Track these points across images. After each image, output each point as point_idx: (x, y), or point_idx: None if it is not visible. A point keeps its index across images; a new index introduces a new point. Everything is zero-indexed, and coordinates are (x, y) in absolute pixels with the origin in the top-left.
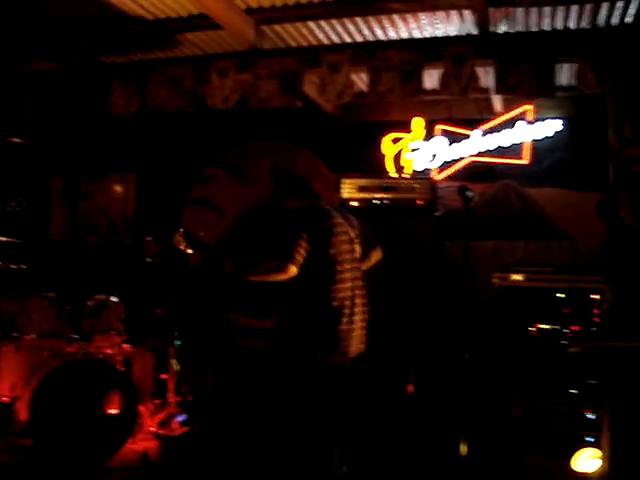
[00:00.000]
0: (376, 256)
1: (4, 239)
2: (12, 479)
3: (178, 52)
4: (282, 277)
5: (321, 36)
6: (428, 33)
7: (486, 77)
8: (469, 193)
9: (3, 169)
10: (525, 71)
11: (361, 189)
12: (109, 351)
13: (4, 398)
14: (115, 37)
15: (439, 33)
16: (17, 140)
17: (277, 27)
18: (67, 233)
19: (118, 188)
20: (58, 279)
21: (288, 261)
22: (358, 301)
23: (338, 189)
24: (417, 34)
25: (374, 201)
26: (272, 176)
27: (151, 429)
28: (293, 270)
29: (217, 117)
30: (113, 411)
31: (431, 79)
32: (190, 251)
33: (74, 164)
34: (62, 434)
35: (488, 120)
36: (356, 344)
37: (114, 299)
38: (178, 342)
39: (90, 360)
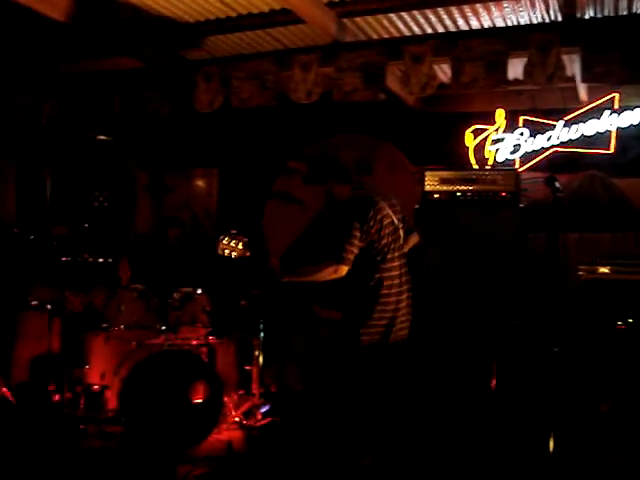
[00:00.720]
0: (414, 240)
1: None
2: (102, 464)
3: (260, 47)
4: (335, 277)
5: (402, 27)
6: (512, 21)
7: (571, 65)
8: (557, 184)
9: (91, 166)
10: (614, 58)
11: (443, 182)
12: (194, 342)
13: (94, 387)
14: (198, 34)
15: (523, 21)
16: (103, 137)
17: (358, 20)
18: (152, 227)
19: (201, 182)
20: (145, 272)
21: (342, 263)
22: (403, 287)
23: (420, 182)
24: (500, 23)
25: (457, 194)
26: (308, 162)
27: (235, 419)
28: (345, 270)
29: (299, 111)
30: (198, 401)
31: (514, 69)
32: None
33: (159, 159)
34: (150, 422)
35: (573, 110)
36: (403, 329)
37: (199, 291)
38: (262, 334)
39: (176, 351)
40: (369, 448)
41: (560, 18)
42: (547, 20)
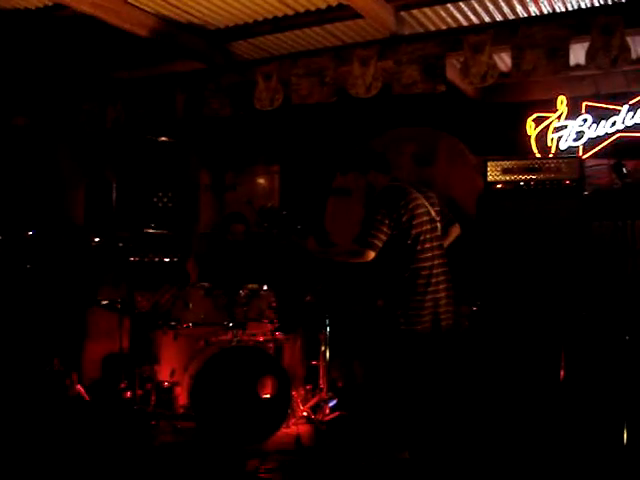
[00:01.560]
0: (455, 232)
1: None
2: (174, 459)
3: (318, 44)
4: (360, 261)
5: (460, 18)
6: (572, 5)
7: (635, 47)
8: (625, 169)
9: (155, 167)
10: None
11: (505, 171)
12: (261, 338)
13: (165, 383)
14: (256, 34)
15: (584, 4)
16: (166, 139)
17: (416, 12)
18: (214, 225)
19: (263, 179)
20: (210, 270)
21: (367, 247)
22: (440, 278)
23: (482, 172)
24: (560, 7)
25: (520, 183)
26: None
27: (303, 414)
28: (371, 255)
29: (359, 106)
30: (267, 396)
31: (576, 54)
32: None
33: (221, 158)
34: (220, 417)
35: (638, 93)
36: (446, 319)
37: (265, 288)
38: (328, 329)
39: (245, 347)
40: (435, 442)
41: None
42: (609, 2)
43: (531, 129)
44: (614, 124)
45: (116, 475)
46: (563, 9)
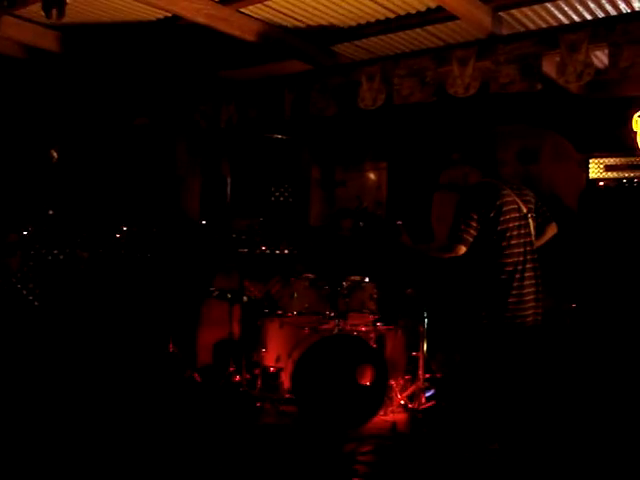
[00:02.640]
0: (551, 231)
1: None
2: (276, 439)
3: (419, 45)
4: (452, 255)
5: (560, 16)
6: None
7: None
8: None
9: (266, 163)
10: None
11: (609, 168)
12: (363, 328)
13: (270, 369)
14: (360, 36)
15: None
16: (278, 136)
17: (515, 12)
18: (324, 219)
19: (371, 175)
20: (320, 261)
21: (457, 242)
22: (528, 274)
23: (585, 169)
24: None
25: (623, 180)
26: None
27: (401, 402)
28: (462, 250)
29: (459, 104)
30: (366, 383)
31: None
32: None
33: (331, 155)
34: (320, 402)
35: None
36: (532, 315)
37: (367, 280)
38: (427, 321)
39: (346, 336)
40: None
41: None
42: None
43: (637, 125)
44: None
45: (224, 450)
46: None
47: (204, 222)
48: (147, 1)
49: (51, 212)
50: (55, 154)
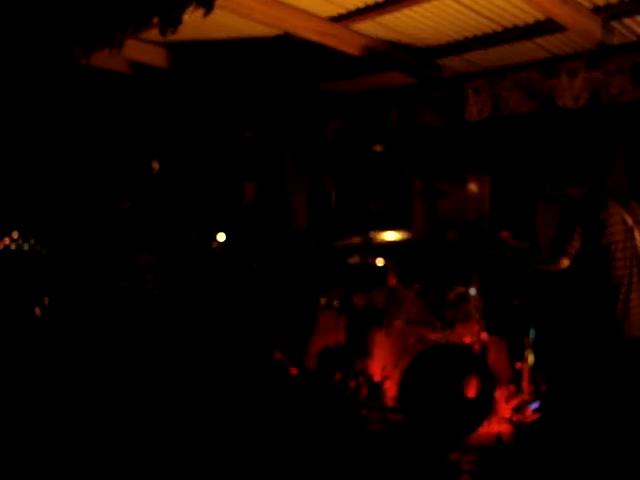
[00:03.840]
0: None
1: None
2: (382, 446)
3: (526, 57)
4: (556, 269)
5: None
6: None
7: None
8: None
9: (370, 175)
10: None
11: None
12: (468, 339)
13: (376, 377)
14: (467, 49)
15: None
16: (381, 149)
17: (628, 20)
18: (426, 230)
19: (474, 188)
20: (423, 272)
21: (560, 255)
22: (635, 288)
23: None
24: None
25: None
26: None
27: (505, 414)
28: (565, 263)
29: (566, 116)
30: (471, 394)
31: None
32: None
33: (433, 167)
34: (426, 411)
35: None
36: (637, 327)
37: (473, 291)
38: (532, 333)
39: (452, 346)
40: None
41: None
42: None
43: None
44: None
45: (331, 455)
46: None
47: (310, 233)
48: (260, 20)
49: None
50: (157, 165)
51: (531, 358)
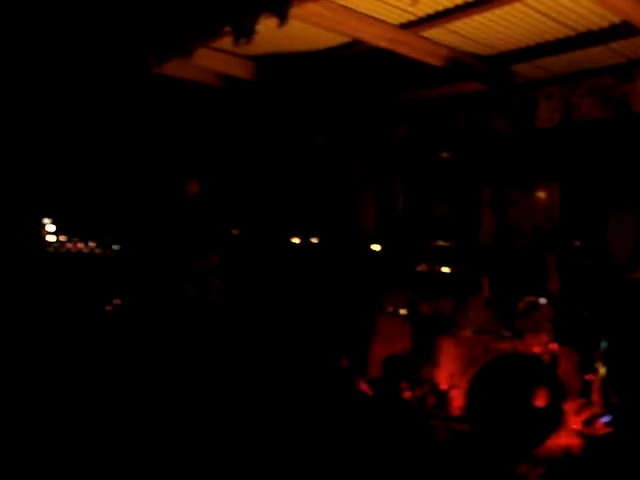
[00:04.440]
0: None
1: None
2: (448, 456)
3: (600, 62)
4: (635, 277)
5: None
6: None
7: None
8: None
9: (436, 181)
10: None
11: None
12: (537, 349)
13: (443, 386)
14: (538, 55)
15: None
16: (445, 155)
17: None
18: (495, 237)
19: (543, 195)
20: (490, 281)
21: None
22: None
23: None
24: None
25: None
26: None
27: (574, 426)
28: None
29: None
30: (540, 405)
31: None
32: None
33: (502, 174)
34: (494, 422)
35: None
36: None
37: (543, 300)
38: (604, 344)
39: (521, 356)
40: None
41: None
42: None
43: None
44: None
45: (398, 464)
46: None
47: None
48: (331, 28)
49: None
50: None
51: (602, 370)
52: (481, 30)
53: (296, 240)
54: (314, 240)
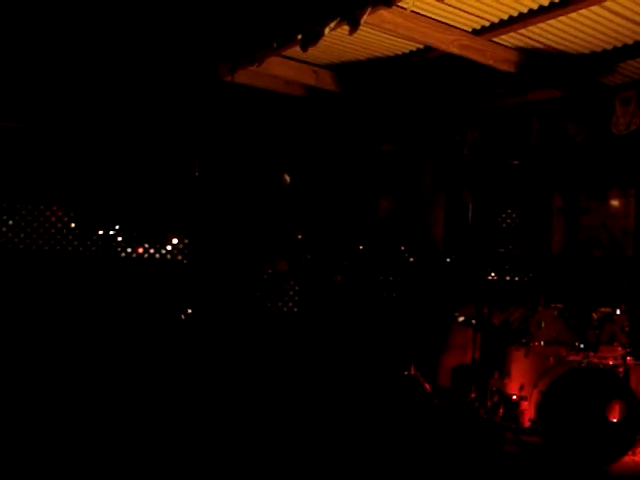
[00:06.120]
0: None
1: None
2: (518, 469)
3: None
4: None
5: None
6: None
7: None
8: None
9: (506, 189)
10: None
11: None
12: (611, 362)
13: (513, 397)
14: (615, 59)
15: None
16: (516, 162)
17: None
18: (567, 247)
19: (618, 203)
20: (564, 290)
21: None
22: None
23: None
24: None
25: None
26: None
27: None
28: None
29: None
30: (615, 420)
31: None
32: None
33: (574, 182)
34: (566, 435)
35: None
36: None
37: (618, 312)
38: None
39: (595, 369)
40: None
41: None
42: None
43: None
44: None
45: (463, 474)
46: None
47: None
48: (403, 35)
49: (300, 237)
50: (288, 178)
51: None
52: (555, 34)
53: (363, 247)
54: (382, 248)
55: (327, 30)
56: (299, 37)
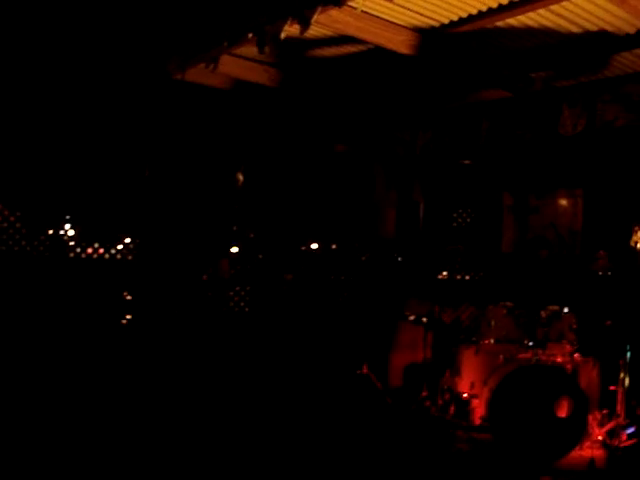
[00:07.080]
0: None
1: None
2: (469, 466)
3: (625, 69)
4: None
5: None
6: None
7: None
8: None
9: (456, 189)
10: None
11: None
12: (560, 359)
13: (464, 395)
14: (567, 63)
15: None
16: (467, 162)
17: None
18: (517, 245)
19: (566, 203)
20: (513, 289)
21: None
22: None
23: None
24: None
25: None
26: None
27: (598, 438)
28: None
29: None
30: (562, 416)
31: None
32: None
33: (522, 181)
34: (516, 432)
35: None
36: None
37: (566, 310)
38: (628, 354)
39: (544, 366)
40: None
41: None
42: None
43: None
44: None
45: (418, 473)
46: None
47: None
48: (354, 35)
49: (252, 235)
50: (241, 177)
51: (626, 380)
52: (507, 37)
53: (315, 246)
54: (334, 247)
55: (283, 34)
56: (250, 36)
